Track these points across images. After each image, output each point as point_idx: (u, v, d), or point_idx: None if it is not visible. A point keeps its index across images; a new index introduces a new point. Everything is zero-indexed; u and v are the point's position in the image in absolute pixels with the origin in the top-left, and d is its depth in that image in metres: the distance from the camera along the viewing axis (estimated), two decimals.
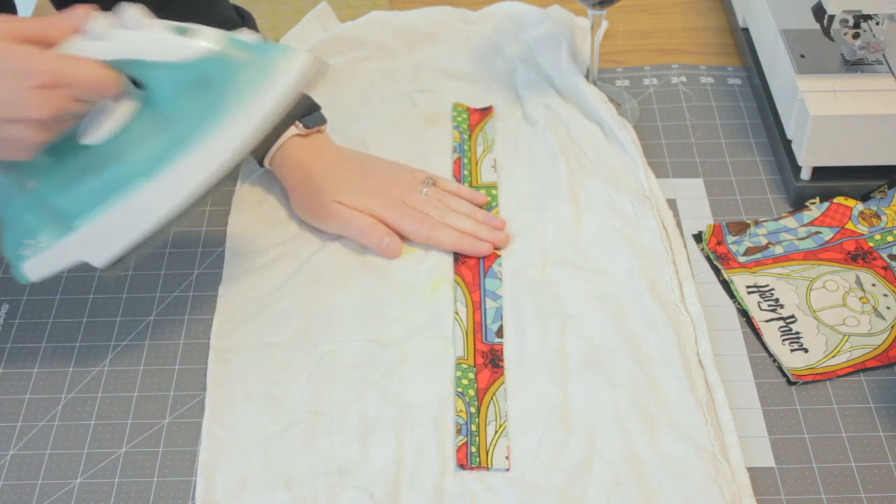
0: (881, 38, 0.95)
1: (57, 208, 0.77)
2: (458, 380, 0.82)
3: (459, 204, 0.95)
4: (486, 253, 0.91)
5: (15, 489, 0.78)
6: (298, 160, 0.94)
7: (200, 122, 0.74)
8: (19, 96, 0.70)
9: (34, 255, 0.78)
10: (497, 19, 1.16)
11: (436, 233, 0.92)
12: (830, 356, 0.84)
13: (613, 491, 0.74)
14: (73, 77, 0.71)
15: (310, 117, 0.95)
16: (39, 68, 0.70)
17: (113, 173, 0.76)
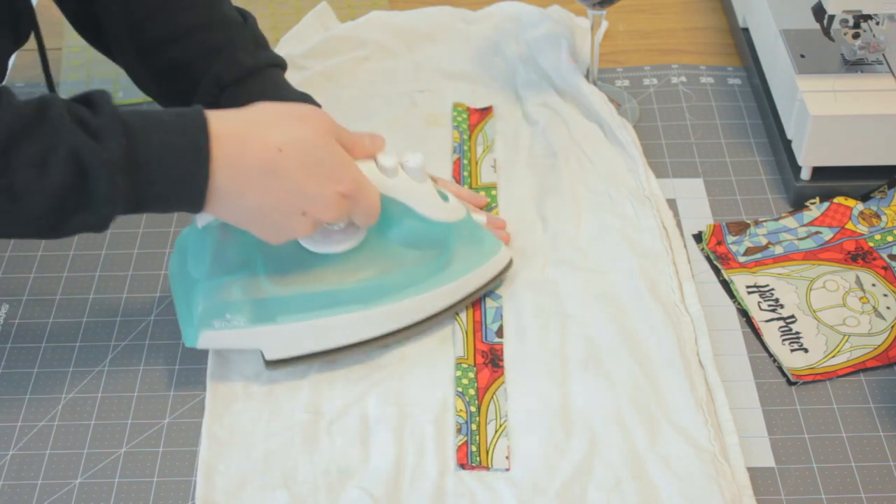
0: (881, 38, 0.95)
1: (269, 297, 0.80)
2: (458, 379, 0.82)
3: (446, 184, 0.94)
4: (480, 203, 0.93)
5: (15, 489, 0.78)
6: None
7: (425, 277, 0.83)
8: (323, 196, 0.74)
9: (221, 328, 0.80)
10: (497, 19, 1.16)
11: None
12: (830, 356, 0.84)
13: (613, 491, 0.74)
14: (366, 198, 0.77)
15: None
16: (350, 177, 0.75)
17: (333, 289, 0.81)
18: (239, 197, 0.72)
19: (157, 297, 0.90)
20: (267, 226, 0.75)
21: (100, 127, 0.68)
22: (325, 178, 0.74)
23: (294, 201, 0.74)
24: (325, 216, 0.75)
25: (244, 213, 0.74)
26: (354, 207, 0.77)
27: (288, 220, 0.75)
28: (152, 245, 0.95)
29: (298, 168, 0.73)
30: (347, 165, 0.76)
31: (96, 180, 0.68)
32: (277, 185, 0.73)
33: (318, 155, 0.74)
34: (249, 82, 0.89)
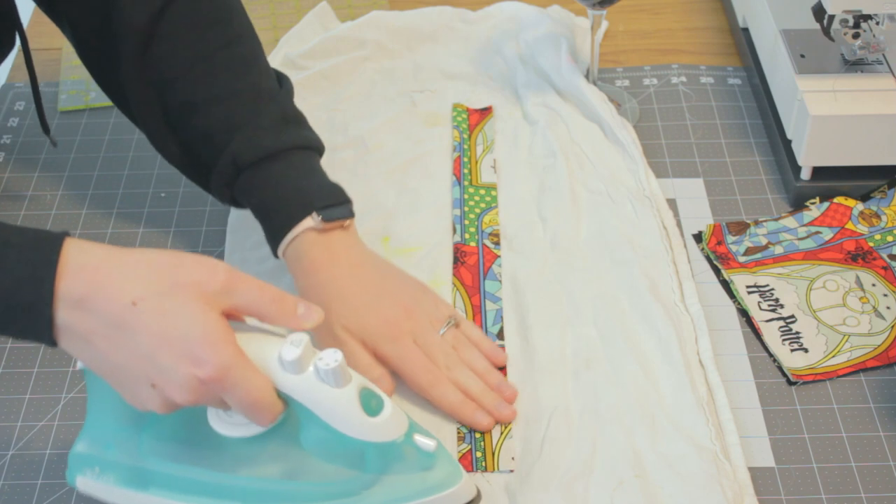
0: (881, 38, 0.95)
1: (144, 466, 0.70)
2: None
3: (474, 358, 0.82)
4: (485, 428, 0.79)
5: (15, 489, 0.78)
6: (312, 261, 0.81)
7: (336, 496, 0.67)
8: (174, 373, 0.62)
9: (93, 478, 0.71)
10: (497, 19, 1.16)
11: (436, 390, 0.79)
12: (830, 356, 0.84)
13: (616, 490, 0.74)
14: (239, 389, 0.63)
15: (332, 209, 0.81)
16: (214, 360, 0.62)
17: (220, 478, 0.68)
18: (86, 343, 0.63)
19: None
20: (118, 384, 0.65)
21: None
22: (180, 354, 0.62)
23: (141, 368, 0.63)
24: (177, 397, 0.63)
25: (94, 363, 0.65)
26: (224, 396, 0.64)
27: (135, 387, 0.64)
28: (152, 245, 0.95)
29: (151, 332, 0.62)
30: (215, 345, 0.62)
31: None
32: (124, 343, 0.63)
33: (177, 323, 0.62)
34: (270, 165, 0.82)
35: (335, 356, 0.64)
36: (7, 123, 1.09)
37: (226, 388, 0.63)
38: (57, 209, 0.99)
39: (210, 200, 0.99)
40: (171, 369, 0.62)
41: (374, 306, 0.81)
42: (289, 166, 0.82)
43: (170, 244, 0.95)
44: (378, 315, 0.80)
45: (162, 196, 1.00)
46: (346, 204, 0.83)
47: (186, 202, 0.99)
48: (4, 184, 1.02)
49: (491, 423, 0.79)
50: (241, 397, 0.63)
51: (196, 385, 0.63)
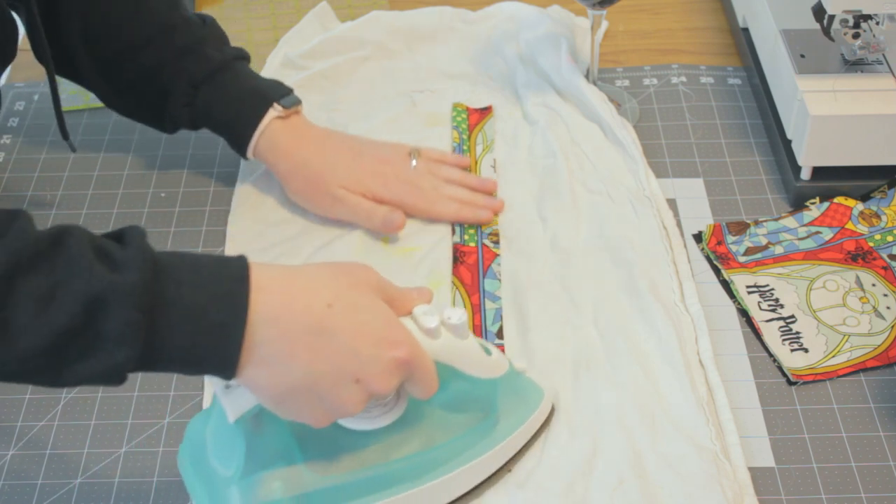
0: (881, 38, 0.95)
1: (312, 490, 0.71)
2: None
3: (450, 172, 0.96)
4: (487, 220, 0.94)
5: (15, 489, 0.78)
6: (286, 145, 0.93)
7: (474, 442, 0.74)
8: (378, 361, 0.65)
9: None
10: (497, 19, 1.16)
11: (436, 207, 0.94)
12: (830, 356, 0.84)
13: (616, 490, 0.74)
14: (423, 366, 0.67)
15: (287, 98, 0.93)
16: (405, 340, 0.66)
17: (379, 469, 0.72)
18: (285, 360, 0.62)
19: None
20: (312, 399, 0.64)
21: (123, 259, 0.60)
22: (378, 341, 0.65)
23: (347, 365, 0.64)
24: (381, 385, 0.65)
25: (285, 384, 0.63)
26: (410, 376, 0.67)
27: (338, 389, 0.64)
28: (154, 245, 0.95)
29: (350, 328, 0.64)
30: (400, 327, 0.67)
31: (107, 315, 0.58)
32: (328, 346, 0.63)
33: (369, 315, 0.66)
34: (221, 77, 0.92)
35: (459, 313, 0.70)
36: (7, 123, 1.09)
37: (415, 366, 0.66)
38: (57, 209, 0.99)
39: (210, 200, 0.99)
40: (374, 358, 0.64)
41: (357, 163, 0.94)
42: (237, 75, 0.93)
43: (170, 244, 0.95)
44: (364, 169, 0.93)
45: (162, 196, 1.00)
46: (293, 92, 0.94)
47: (186, 202, 0.99)
48: (4, 184, 1.02)
49: (490, 215, 0.94)
50: (424, 374, 0.67)
51: (396, 367, 0.65)
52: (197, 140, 1.05)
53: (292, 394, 0.64)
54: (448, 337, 0.70)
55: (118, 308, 0.58)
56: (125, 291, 0.59)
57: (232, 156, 1.03)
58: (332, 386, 0.64)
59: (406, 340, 0.66)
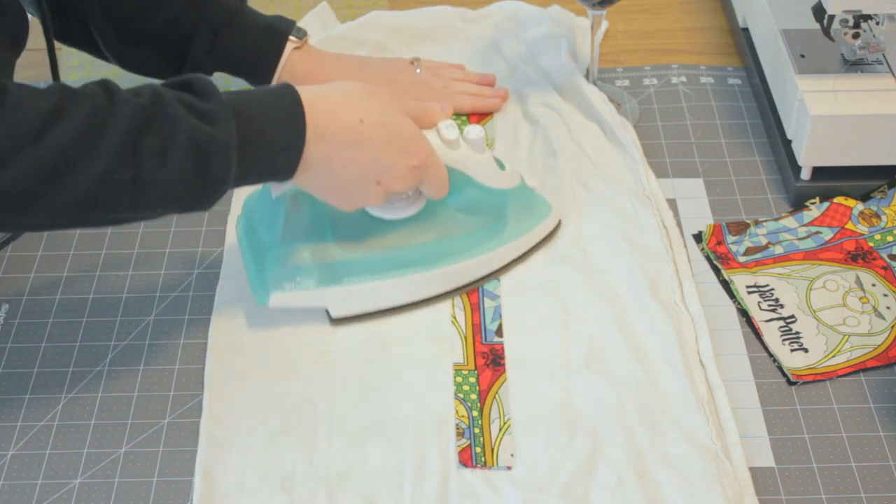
0: (881, 38, 0.95)
1: (336, 261, 0.84)
2: (459, 385, 0.82)
3: (452, 72, 1.06)
4: (499, 107, 1.05)
5: (15, 489, 0.78)
6: (304, 71, 0.98)
7: (482, 241, 0.87)
8: (398, 167, 0.79)
9: (291, 290, 0.84)
10: (497, 19, 1.16)
11: (453, 101, 1.00)
12: (830, 356, 0.84)
13: (617, 490, 0.74)
14: (435, 172, 0.81)
15: (297, 30, 0.98)
16: (422, 150, 0.80)
17: (396, 253, 0.85)
18: (325, 166, 0.76)
19: (156, 297, 0.90)
20: (343, 193, 0.79)
21: (211, 112, 0.71)
22: (400, 151, 0.78)
23: (372, 170, 0.78)
24: (398, 186, 0.79)
25: (325, 182, 0.78)
26: (424, 179, 0.81)
27: (363, 188, 0.79)
28: (152, 245, 0.95)
29: (378, 139, 0.77)
30: (419, 139, 0.80)
31: (213, 162, 0.71)
32: (358, 156, 0.77)
33: (393, 127, 0.79)
34: (238, 20, 0.97)
35: (476, 130, 0.84)
36: None
37: (427, 171, 0.80)
38: None
39: None
40: (394, 165, 0.78)
41: (367, 71, 1.02)
42: (248, 14, 0.98)
43: (169, 244, 0.95)
44: (375, 75, 1.02)
45: None
46: (296, 23, 1.00)
47: None
48: None
49: (501, 102, 1.05)
50: (436, 178, 0.82)
51: (411, 172, 0.79)
52: None
53: (326, 188, 0.79)
54: (466, 149, 0.84)
55: (220, 156, 0.71)
56: (224, 142, 0.70)
57: None
58: (358, 186, 0.79)
59: (422, 150, 0.80)
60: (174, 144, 0.69)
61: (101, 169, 0.67)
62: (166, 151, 0.69)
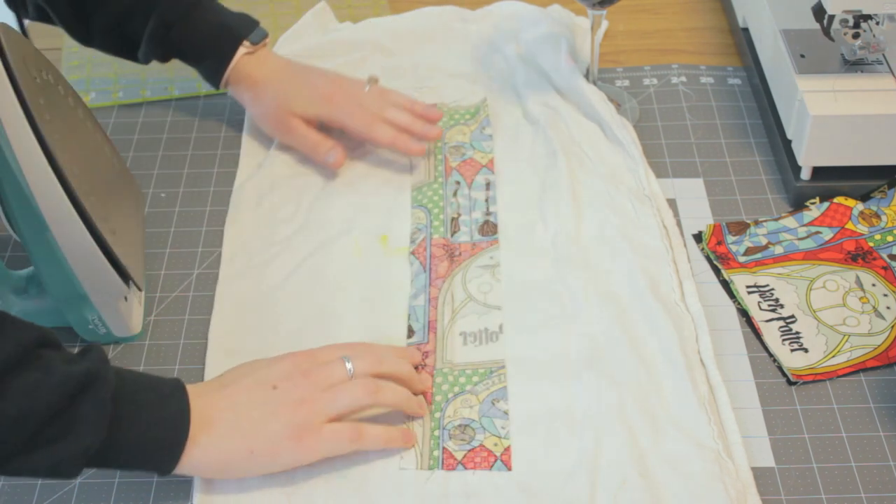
0: (881, 38, 0.95)
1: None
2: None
3: (398, 97, 1.01)
4: (419, 153, 0.98)
5: (15, 489, 0.78)
6: (249, 76, 0.99)
7: None
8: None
9: (99, 329, 0.85)
10: (496, 18, 1.16)
11: (374, 130, 0.98)
12: (830, 356, 0.84)
13: (619, 490, 0.74)
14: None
15: (255, 34, 0.99)
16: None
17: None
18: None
19: (156, 297, 0.90)
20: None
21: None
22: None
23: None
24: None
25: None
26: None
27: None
28: (152, 245, 0.95)
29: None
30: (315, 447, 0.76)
31: (86, 398, 0.68)
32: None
33: (283, 453, 0.75)
34: (193, 15, 0.97)
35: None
36: None
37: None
38: None
39: (210, 200, 0.99)
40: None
41: (306, 84, 1.00)
42: (206, 11, 0.98)
43: (169, 244, 0.95)
44: (312, 88, 0.99)
45: (162, 196, 1.00)
46: (259, 25, 1.00)
47: (186, 202, 0.99)
48: None
49: (422, 148, 0.98)
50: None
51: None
52: (197, 140, 1.05)
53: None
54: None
55: (92, 394, 0.68)
56: (99, 385, 0.68)
57: (232, 156, 1.03)
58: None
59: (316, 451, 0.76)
60: (47, 380, 0.66)
61: None
62: (38, 387, 0.66)
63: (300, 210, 0.97)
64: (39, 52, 0.81)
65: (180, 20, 0.96)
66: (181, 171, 1.02)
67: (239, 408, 0.74)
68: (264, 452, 0.73)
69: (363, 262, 0.92)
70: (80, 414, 0.67)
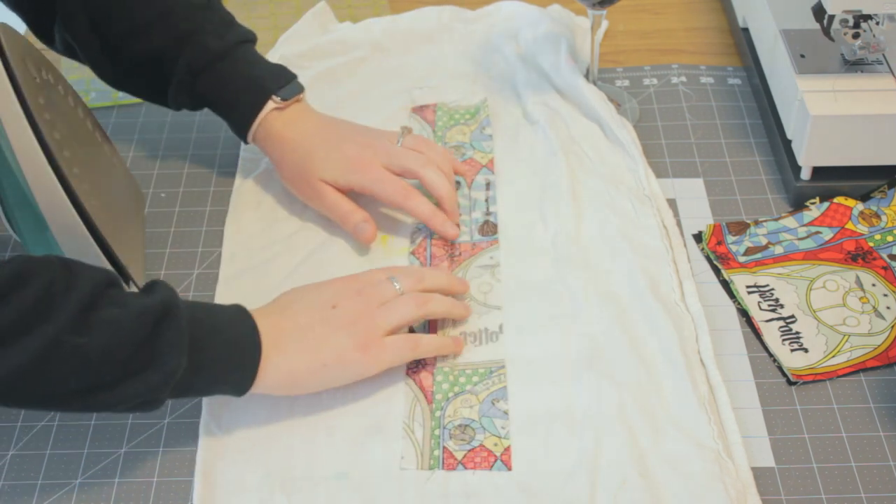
0: (881, 38, 0.95)
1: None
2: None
3: (435, 152, 0.95)
4: (453, 237, 0.93)
5: (15, 489, 0.78)
6: (279, 134, 0.94)
7: None
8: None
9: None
10: (496, 18, 1.16)
11: (410, 201, 0.92)
12: (830, 356, 0.84)
13: (619, 490, 0.74)
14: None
15: (286, 89, 0.94)
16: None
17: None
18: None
19: None
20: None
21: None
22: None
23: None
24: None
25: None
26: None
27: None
28: (152, 245, 0.95)
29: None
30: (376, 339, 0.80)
31: (166, 329, 0.71)
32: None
33: (351, 363, 0.80)
34: (221, 66, 0.92)
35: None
36: None
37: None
38: None
39: (210, 200, 0.99)
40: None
41: (337, 149, 0.93)
42: (237, 62, 0.93)
43: (170, 244, 0.95)
44: (343, 154, 0.93)
45: (162, 196, 1.00)
46: (295, 79, 0.95)
47: (186, 202, 0.99)
48: None
49: (457, 232, 0.93)
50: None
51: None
52: (197, 140, 1.05)
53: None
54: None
55: (172, 325, 0.71)
56: (175, 315, 0.72)
57: (232, 156, 1.03)
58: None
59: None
60: (126, 313, 0.69)
61: (53, 333, 0.67)
62: (120, 321, 0.69)
63: (300, 210, 0.97)
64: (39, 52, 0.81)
65: (208, 68, 0.92)
66: (181, 171, 1.02)
67: (303, 327, 0.79)
68: (335, 364, 0.78)
69: (363, 262, 0.92)
70: (161, 342, 0.70)
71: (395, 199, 0.92)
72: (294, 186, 0.95)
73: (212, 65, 0.92)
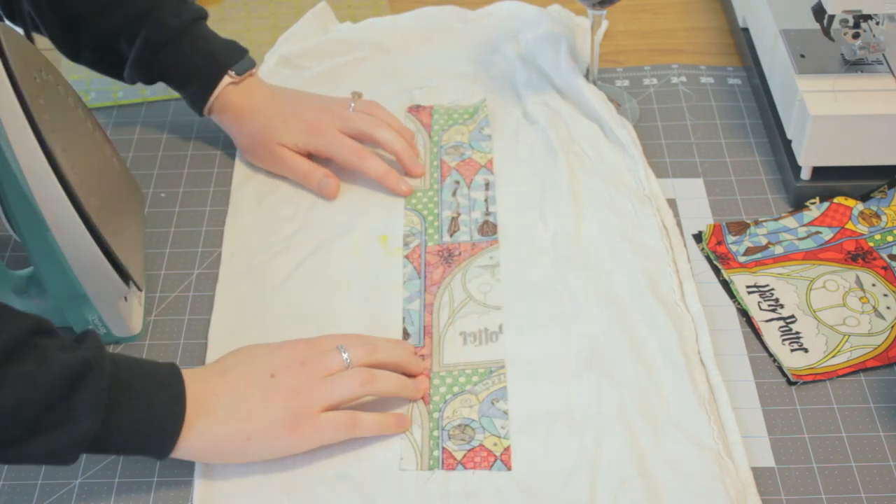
0: (881, 38, 0.95)
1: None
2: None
3: (387, 116, 1.00)
4: (406, 194, 0.97)
5: (15, 489, 0.78)
6: (236, 105, 0.98)
7: None
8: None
9: (99, 329, 0.85)
10: (496, 18, 1.16)
11: (365, 162, 0.97)
12: (830, 356, 0.84)
13: (619, 490, 0.74)
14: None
15: (240, 64, 0.98)
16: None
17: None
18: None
19: (156, 297, 0.90)
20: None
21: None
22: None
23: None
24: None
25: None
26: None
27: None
28: (152, 245, 0.95)
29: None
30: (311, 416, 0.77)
31: (84, 386, 0.68)
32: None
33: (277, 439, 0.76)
34: (178, 43, 0.96)
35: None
36: None
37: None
38: None
39: (210, 200, 0.99)
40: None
41: (295, 115, 0.98)
42: (194, 38, 0.97)
43: (169, 244, 0.95)
44: (302, 119, 0.98)
45: (162, 196, 1.00)
46: (247, 54, 0.99)
47: (186, 202, 0.99)
48: None
49: (410, 189, 0.97)
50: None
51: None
52: (197, 140, 1.05)
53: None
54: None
55: (90, 382, 0.69)
56: (95, 371, 0.69)
57: (232, 156, 1.03)
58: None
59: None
60: (44, 369, 0.67)
61: None
62: (35, 376, 0.67)
63: (300, 210, 0.97)
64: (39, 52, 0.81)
65: (167, 44, 0.95)
66: (181, 171, 1.02)
67: (237, 394, 0.75)
68: (260, 439, 0.74)
69: (363, 262, 0.92)
70: (77, 402, 0.68)
71: (351, 160, 0.96)
72: (253, 154, 1.00)
73: (170, 41, 0.95)
